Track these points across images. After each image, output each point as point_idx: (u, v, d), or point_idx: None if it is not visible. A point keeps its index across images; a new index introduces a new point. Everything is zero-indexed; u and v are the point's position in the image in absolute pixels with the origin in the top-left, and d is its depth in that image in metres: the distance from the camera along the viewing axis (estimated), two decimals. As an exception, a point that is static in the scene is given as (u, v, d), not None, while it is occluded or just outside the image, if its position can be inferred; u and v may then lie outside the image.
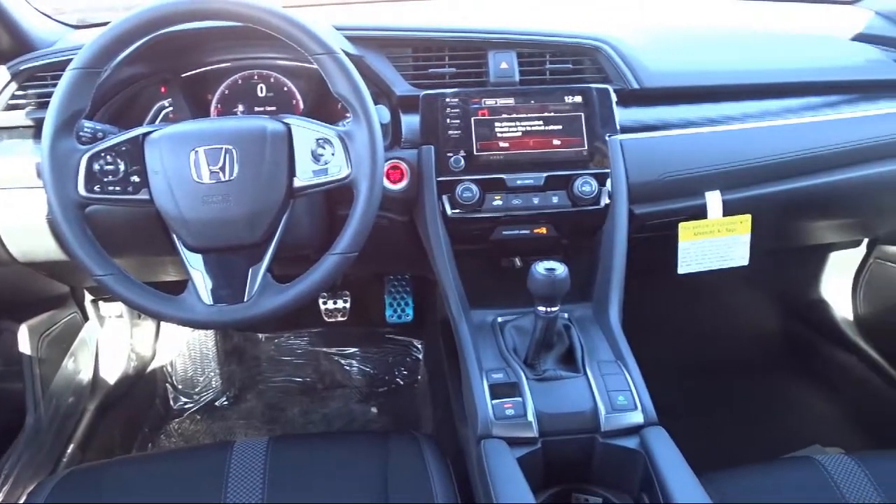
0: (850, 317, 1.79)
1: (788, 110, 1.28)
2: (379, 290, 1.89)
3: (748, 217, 1.24)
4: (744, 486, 1.04)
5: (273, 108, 1.25)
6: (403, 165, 1.13)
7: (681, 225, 1.22)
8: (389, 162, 1.11)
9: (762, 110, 1.27)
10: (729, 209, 1.23)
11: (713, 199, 1.21)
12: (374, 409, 1.97)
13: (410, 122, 1.15)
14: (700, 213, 1.22)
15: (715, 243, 1.23)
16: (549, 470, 0.95)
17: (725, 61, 1.32)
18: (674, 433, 0.95)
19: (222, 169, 0.95)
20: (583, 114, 1.15)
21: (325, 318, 1.86)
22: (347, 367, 2.06)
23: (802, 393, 1.82)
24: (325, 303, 1.84)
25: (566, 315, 1.12)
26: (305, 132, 0.97)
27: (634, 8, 1.52)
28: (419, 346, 2.06)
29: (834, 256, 1.78)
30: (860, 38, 1.44)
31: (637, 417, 0.95)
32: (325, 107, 1.23)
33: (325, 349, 2.07)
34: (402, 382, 2.04)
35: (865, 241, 1.73)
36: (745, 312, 1.97)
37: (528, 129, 1.14)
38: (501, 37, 1.22)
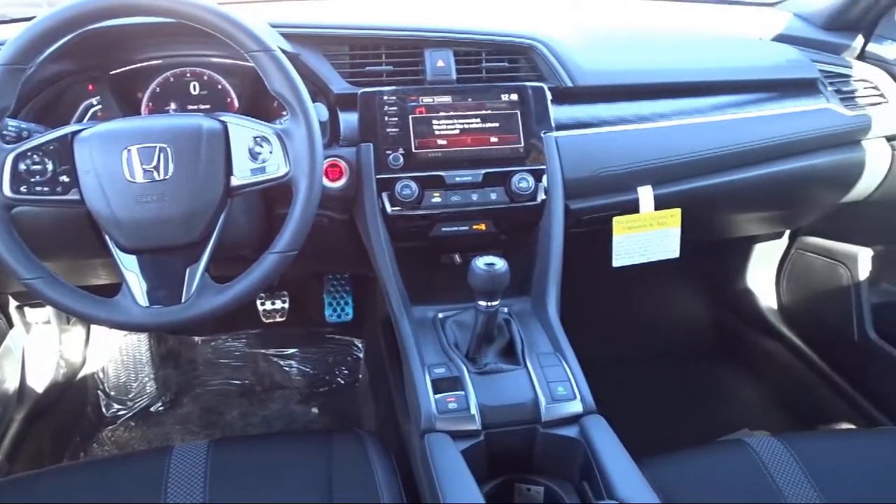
0: (775, 305, 1.88)
1: (715, 108, 1.33)
2: (318, 289, 1.88)
3: (678, 211, 1.28)
4: (678, 470, 1.08)
5: (207, 107, 1.23)
6: (342, 163, 1.12)
7: (615, 219, 1.25)
8: (328, 160, 1.11)
9: (690, 108, 1.31)
10: (660, 203, 1.27)
11: (645, 194, 1.25)
12: (315, 410, 1.96)
13: (348, 119, 1.15)
14: (633, 207, 1.26)
15: (647, 237, 1.27)
16: (492, 461, 0.97)
17: (655, 61, 1.36)
18: (612, 421, 0.97)
19: (156, 168, 0.93)
20: (519, 111, 1.17)
21: (264, 319, 1.83)
22: (287, 368, 2.04)
23: (731, 380, 1.89)
24: (262, 303, 1.82)
25: (506, 309, 1.14)
26: (242, 130, 0.96)
27: (568, 9, 1.55)
28: (360, 345, 2.05)
29: (758, 248, 1.86)
30: (780, 38, 1.50)
31: (576, 407, 0.97)
32: (260, 105, 1.22)
33: (263, 350, 2.04)
34: (342, 382, 2.03)
35: (787, 232, 1.81)
36: (677, 303, 2.03)
37: (466, 126, 1.15)
38: (437, 35, 1.23)
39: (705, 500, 1.03)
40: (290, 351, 2.05)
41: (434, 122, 1.14)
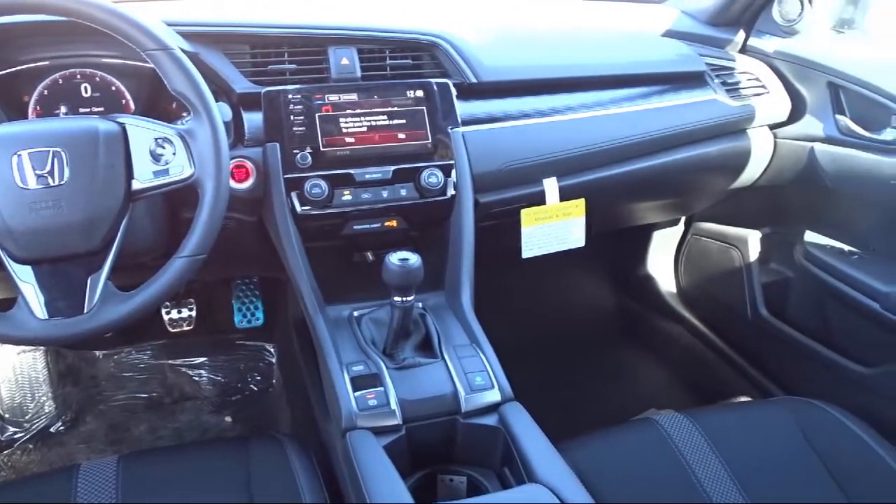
0: (674, 289, 1.97)
1: (612, 101, 1.38)
2: (226, 295, 1.83)
3: (582, 201, 1.32)
4: (594, 450, 1.12)
5: (101, 109, 1.18)
6: (248, 164, 1.10)
7: (523, 211, 1.28)
8: (234, 161, 1.08)
9: (590, 102, 1.36)
10: (565, 194, 1.31)
11: (550, 186, 1.29)
12: (228, 419, 1.90)
13: (253, 119, 1.13)
14: (540, 199, 1.29)
15: (554, 227, 1.31)
16: (414, 455, 0.97)
17: (556, 57, 1.40)
18: (529, 408, 1.00)
19: (50, 173, 0.88)
20: (425, 108, 1.18)
21: (170, 329, 1.77)
22: (196, 378, 1.97)
23: (638, 362, 1.97)
24: (168, 312, 1.75)
25: (421, 304, 1.14)
26: (142, 131, 0.92)
27: (470, 7, 1.57)
28: (272, 350, 2.01)
29: (657, 235, 1.94)
30: (669, 34, 1.58)
31: (494, 396, 0.99)
32: (159, 107, 1.18)
33: (170, 361, 1.96)
34: (255, 388, 1.98)
35: (683, 219, 1.90)
36: (585, 291, 2.10)
37: (373, 123, 1.15)
38: (341, 33, 1.22)
39: (621, 477, 1.07)
40: (199, 360, 1.98)
41: (341, 120, 1.14)
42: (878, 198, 1.38)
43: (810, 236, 1.51)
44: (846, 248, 1.46)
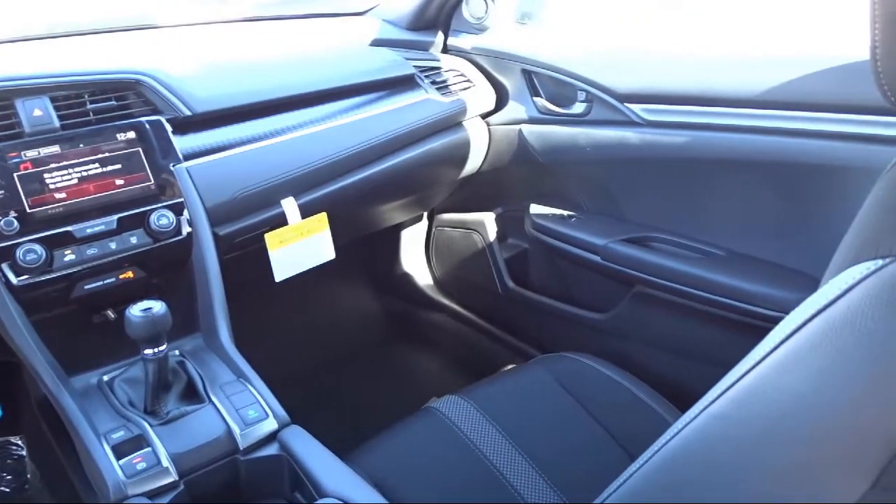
0: (430, 281, 2.06)
1: (335, 113, 1.41)
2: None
3: (324, 215, 1.34)
4: (381, 452, 1.14)
5: None
6: (-60, 243, 0.97)
7: (266, 236, 1.27)
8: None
9: (313, 117, 1.38)
10: (306, 211, 1.32)
11: (289, 206, 1.29)
12: (-18, 533, 1.67)
13: (-66, 192, 1.00)
14: (282, 220, 1.29)
15: (301, 246, 1.31)
16: (200, 507, 0.93)
17: (270, 78, 1.40)
18: (312, 427, 0.99)
19: None
20: (140, 148, 1.12)
21: None
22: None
23: (411, 357, 2.04)
24: None
25: (177, 351, 1.09)
26: None
27: (171, 41, 1.51)
28: (20, 443, 1.79)
29: (406, 233, 2.02)
30: (376, 42, 1.65)
31: (271, 425, 0.98)
32: None
33: None
34: (8, 490, 1.75)
35: (426, 214, 2.01)
36: (348, 300, 2.13)
37: (85, 174, 1.07)
38: (28, 83, 1.12)
39: (412, 470, 1.11)
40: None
41: (46, 176, 1.04)
42: (581, 165, 1.56)
43: (535, 209, 1.66)
44: (566, 213, 1.63)
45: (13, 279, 0.99)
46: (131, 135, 1.12)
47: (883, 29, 0.51)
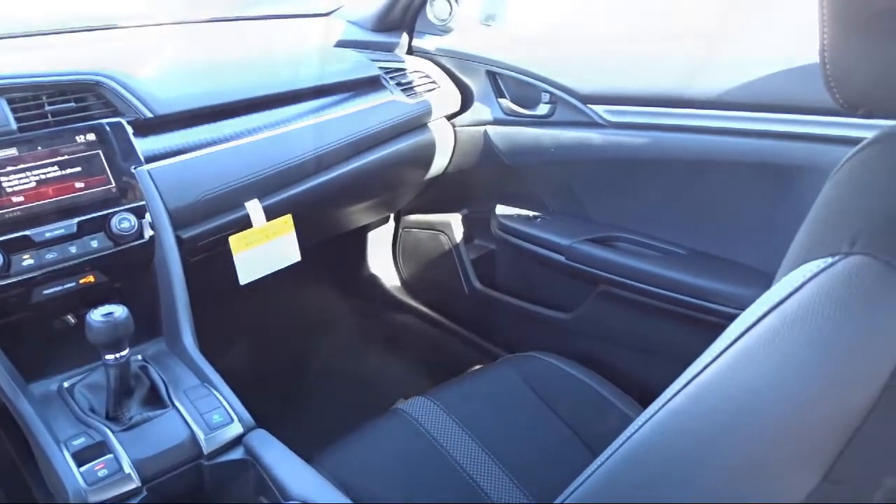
0: (397, 282, 2.06)
1: (300, 115, 1.40)
2: None
3: (289, 217, 1.33)
4: (348, 454, 1.14)
5: None
6: None
7: (231, 238, 1.26)
8: None
9: (278, 119, 1.37)
10: (271, 213, 1.31)
11: (254, 208, 1.28)
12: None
13: None
14: (247, 223, 1.28)
15: (266, 248, 1.30)
16: (165, 514, 0.92)
17: (234, 80, 1.39)
18: (279, 431, 0.99)
19: None
20: (101, 151, 1.10)
21: None
22: None
23: (379, 358, 2.04)
24: None
25: (140, 356, 1.08)
26: None
27: (133, 42, 1.50)
28: (-23, 452, 1.75)
29: (372, 235, 2.02)
30: (341, 44, 1.65)
31: (236, 429, 0.97)
32: None
33: None
34: (-34, 499, 1.71)
35: (393, 215, 2.00)
36: (315, 302, 2.12)
37: (43, 177, 1.05)
38: (-18, 84, 1.10)
39: (379, 473, 1.11)
40: None
41: (3, 179, 1.02)
42: (546, 166, 1.57)
43: (501, 209, 1.67)
44: (531, 214, 1.64)
45: (-31, 285, 0.97)
46: (91, 137, 1.11)
47: (831, 34, 0.52)
